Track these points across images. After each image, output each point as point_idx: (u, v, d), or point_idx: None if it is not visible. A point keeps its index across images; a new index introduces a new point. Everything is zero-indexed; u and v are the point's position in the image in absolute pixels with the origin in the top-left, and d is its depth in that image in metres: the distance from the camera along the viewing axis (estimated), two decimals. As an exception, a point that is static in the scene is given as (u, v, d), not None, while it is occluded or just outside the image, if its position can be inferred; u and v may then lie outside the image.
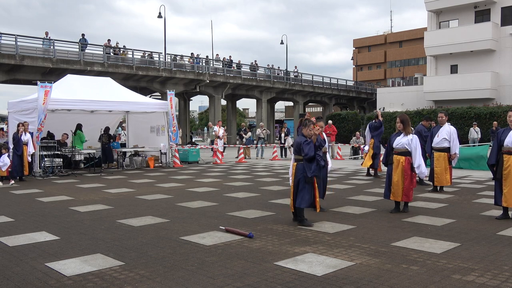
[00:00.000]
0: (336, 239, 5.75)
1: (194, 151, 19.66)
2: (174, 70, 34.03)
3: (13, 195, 10.05)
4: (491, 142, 22.59)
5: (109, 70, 29.52)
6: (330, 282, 4.12)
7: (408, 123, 7.58)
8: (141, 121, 18.31)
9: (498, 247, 5.31)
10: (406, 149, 7.48)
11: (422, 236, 5.85)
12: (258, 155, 22.29)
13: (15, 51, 26.20)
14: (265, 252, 5.14)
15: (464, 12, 38.42)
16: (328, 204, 8.33)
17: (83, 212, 7.79)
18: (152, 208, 8.14)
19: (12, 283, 4.19)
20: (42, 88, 13.65)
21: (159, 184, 11.86)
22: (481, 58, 37.43)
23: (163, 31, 37.45)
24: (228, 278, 4.25)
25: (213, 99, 39.92)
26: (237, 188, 10.85)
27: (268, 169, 16.23)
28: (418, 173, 7.58)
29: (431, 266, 4.59)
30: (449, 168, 9.97)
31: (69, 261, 4.83)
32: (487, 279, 4.16)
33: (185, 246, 5.46)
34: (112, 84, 17.69)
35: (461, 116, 33.04)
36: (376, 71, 76.82)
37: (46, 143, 14.65)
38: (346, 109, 53.14)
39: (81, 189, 11.01)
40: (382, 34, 78.12)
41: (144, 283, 4.14)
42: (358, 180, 12.42)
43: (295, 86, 45.19)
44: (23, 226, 6.71)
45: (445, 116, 10.03)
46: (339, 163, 18.98)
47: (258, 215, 7.41)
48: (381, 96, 46.75)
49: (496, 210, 7.54)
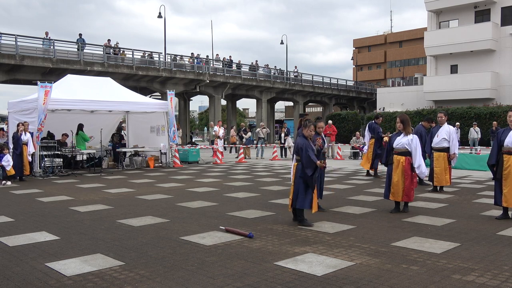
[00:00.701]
0: (336, 239, 5.75)
1: (194, 151, 19.67)
2: (174, 70, 34.03)
3: (13, 195, 10.05)
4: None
5: (109, 70, 29.52)
6: (330, 282, 4.12)
7: (408, 123, 7.58)
8: (141, 121, 18.31)
9: (498, 247, 5.31)
10: (406, 149, 7.48)
11: (422, 236, 5.85)
12: (258, 155, 22.29)
13: (15, 51, 26.20)
14: (265, 252, 5.14)
15: (464, 12, 38.42)
16: (328, 204, 8.33)
17: (83, 212, 7.79)
18: (152, 208, 8.14)
19: (12, 283, 4.19)
20: (42, 88, 13.65)
21: (159, 184, 11.86)
22: (481, 58, 37.43)
23: (163, 31, 37.50)
24: (228, 278, 4.25)
25: (213, 99, 39.92)
26: (237, 188, 10.85)
27: (268, 169, 16.23)
28: (418, 173, 7.58)
29: (431, 266, 4.59)
30: (449, 168, 9.98)
31: (69, 261, 4.83)
32: (487, 279, 4.16)
33: (185, 246, 5.46)
34: (112, 84, 17.69)
35: (461, 116, 33.03)
36: (376, 71, 76.83)
37: (46, 143, 14.65)
38: (346, 109, 53.12)
39: (81, 189, 11.01)
40: (382, 34, 78.14)
41: (144, 283, 4.14)
42: (358, 180, 12.42)
43: (295, 86, 45.19)
44: (23, 226, 6.71)
45: (444, 116, 10.03)
46: (339, 163, 18.98)
47: (258, 215, 7.41)
48: (381, 96, 46.75)
49: (496, 210, 7.55)
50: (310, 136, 6.68)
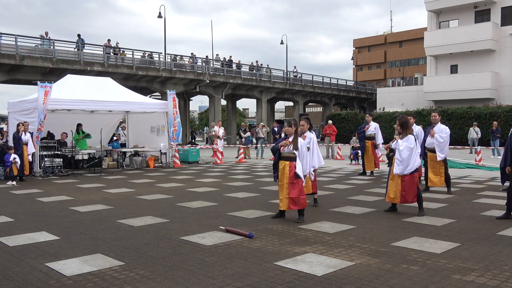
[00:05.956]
0: (336, 239, 5.75)
1: (194, 151, 19.67)
2: (174, 70, 34.04)
3: (13, 195, 10.05)
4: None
5: (109, 70, 29.53)
6: (330, 282, 4.12)
7: (407, 125, 7.51)
8: (141, 121, 18.31)
9: (498, 247, 5.31)
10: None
11: (422, 236, 5.85)
12: (258, 155, 22.28)
13: (15, 51, 26.21)
14: (265, 252, 5.14)
15: (464, 12, 38.44)
16: (328, 204, 8.33)
17: (83, 212, 7.79)
18: (152, 208, 8.14)
19: (12, 283, 4.19)
20: (42, 88, 13.65)
21: (159, 184, 11.86)
22: (481, 58, 37.45)
23: (164, 31, 37.49)
24: (228, 278, 4.25)
25: (213, 99, 39.93)
26: (237, 188, 10.85)
27: (268, 169, 16.22)
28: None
29: (431, 266, 4.59)
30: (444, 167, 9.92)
31: (69, 261, 4.83)
32: (487, 279, 4.16)
33: (185, 246, 5.46)
34: (112, 84, 17.70)
35: (461, 116, 33.05)
36: (376, 71, 76.85)
37: (46, 143, 14.66)
38: (346, 109, 53.13)
39: (81, 189, 11.01)
40: (382, 34, 78.17)
41: (144, 283, 4.14)
42: (358, 180, 12.41)
43: (295, 86, 45.20)
44: (23, 226, 6.71)
45: (438, 116, 9.99)
46: (339, 163, 18.98)
47: (258, 215, 7.41)
48: (381, 96, 46.77)
49: (496, 210, 7.55)
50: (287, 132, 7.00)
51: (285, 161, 6.84)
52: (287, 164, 6.81)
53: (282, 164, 6.86)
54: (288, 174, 6.76)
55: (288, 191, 6.76)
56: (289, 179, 6.75)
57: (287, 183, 6.76)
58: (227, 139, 39.16)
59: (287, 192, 6.77)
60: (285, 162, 6.83)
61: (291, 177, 6.75)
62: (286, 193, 6.78)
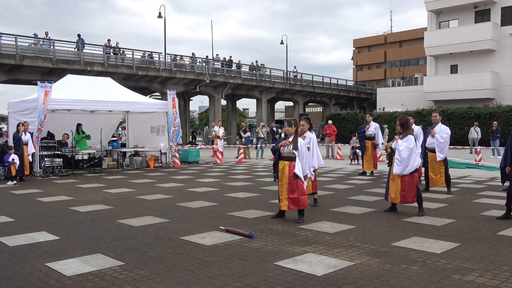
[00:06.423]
0: (336, 239, 5.75)
1: (194, 151, 19.67)
2: (174, 70, 34.04)
3: (13, 195, 10.05)
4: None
5: (109, 70, 29.53)
6: (330, 282, 4.12)
7: (407, 125, 7.50)
8: (141, 121, 18.31)
9: (498, 247, 5.31)
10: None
11: (422, 236, 5.85)
12: (258, 155, 22.28)
13: (15, 51, 26.21)
14: (265, 252, 5.14)
15: (464, 12, 38.45)
16: (328, 204, 8.33)
17: (83, 212, 7.79)
18: (152, 208, 8.14)
19: (12, 283, 4.20)
20: (42, 88, 13.65)
21: (159, 184, 11.86)
22: (481, 58, 37.45)
23: (164, 31, 37.49)
24: (228, 278, 4.25)
25: (213, 99, 39.93)
26: (237, 188, 10.85)
27: (268, 169, 16.21)
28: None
29: (431, 266, 4.59)
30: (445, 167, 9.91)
31: (69, 261, 4.83)
32: (487, 279, 4.16)
33: (185, 246, 5.46)
34: (112, 84, 17.70)
35: (461, 116, 33.06)
36: (376, 71, 76.84)
37: (46, 143, 14.65)
38: (346, 109, 53.15)
39: (81, 189, 11.01)
40: (382, 34, 78.15)
41: (144, 283, 4.14)
42: (358, 180, 12.41)
43: (295, 86, 45.20)
44: (23, 226, 6.71)
45: (439, 116, 9.97)
46: (339, 163, 18.98)
47: (258, 215, 7.41)
48: (381, 96, 46.77)
49: (496, 210, 7.55)
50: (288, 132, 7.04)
51: (285, 161, 6.84)
52: (286, 164, 6.81)
53: (282, 164, 6.86)
54: (288, 174, 6.76)
55: (287, 191, 6.76)
56: (289, 179, 6.76)
57: (287, 183, 6.76)
58: (227, 139, 39.17)
59: (286, 192, 6.77)
60: (285, 162, 6.83)
61: (290, 177, 6.75)
62: (286, 193, 6.78)
